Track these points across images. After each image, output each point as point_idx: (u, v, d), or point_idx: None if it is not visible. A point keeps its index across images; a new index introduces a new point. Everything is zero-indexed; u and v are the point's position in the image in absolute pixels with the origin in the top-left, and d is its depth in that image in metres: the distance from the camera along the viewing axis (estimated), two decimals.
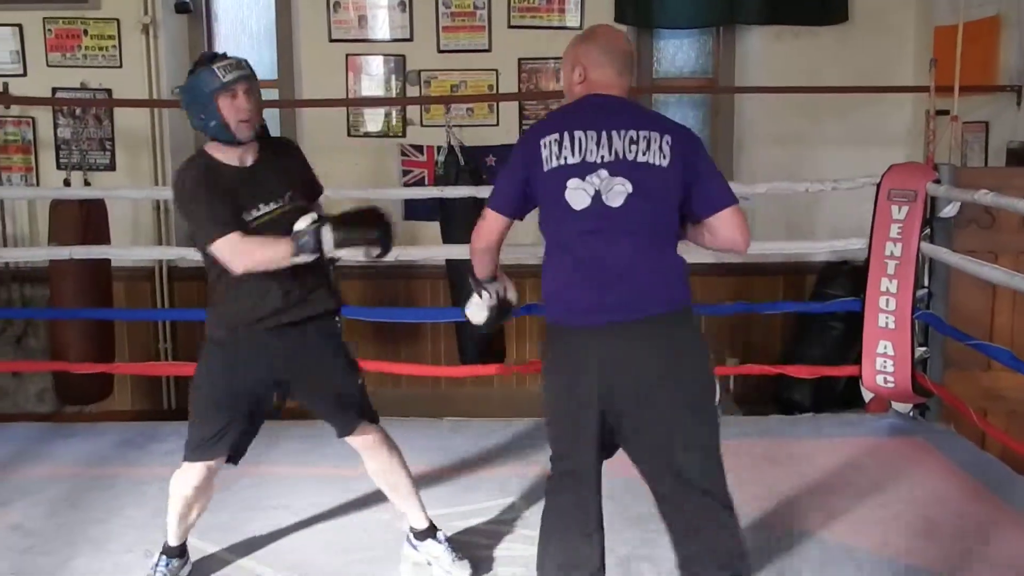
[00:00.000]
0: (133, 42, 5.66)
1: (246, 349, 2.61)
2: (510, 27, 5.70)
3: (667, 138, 2.20)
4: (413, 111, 5.79)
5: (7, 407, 5.89)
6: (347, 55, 5.74)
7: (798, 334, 5.79)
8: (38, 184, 5.77)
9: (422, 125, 5.81)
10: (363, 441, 2.77)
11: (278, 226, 2.51)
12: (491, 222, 2.36)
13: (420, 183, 5.80)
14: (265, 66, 5.96)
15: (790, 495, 3.43)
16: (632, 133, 2.20)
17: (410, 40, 5.74)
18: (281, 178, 2.59)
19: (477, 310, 2.63)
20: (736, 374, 5.65)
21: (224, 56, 2.50)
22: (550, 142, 2.23)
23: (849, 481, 3.54)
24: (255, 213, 2.52)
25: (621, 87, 2.32)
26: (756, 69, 5.79)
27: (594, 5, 5.70)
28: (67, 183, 5.29)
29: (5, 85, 5.66)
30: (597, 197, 2.19)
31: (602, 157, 2.19)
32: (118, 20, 5.64)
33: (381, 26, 5.72)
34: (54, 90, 5.66)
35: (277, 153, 2.65)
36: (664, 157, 2.18)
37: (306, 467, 3.70)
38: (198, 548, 3.04)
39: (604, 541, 2.32)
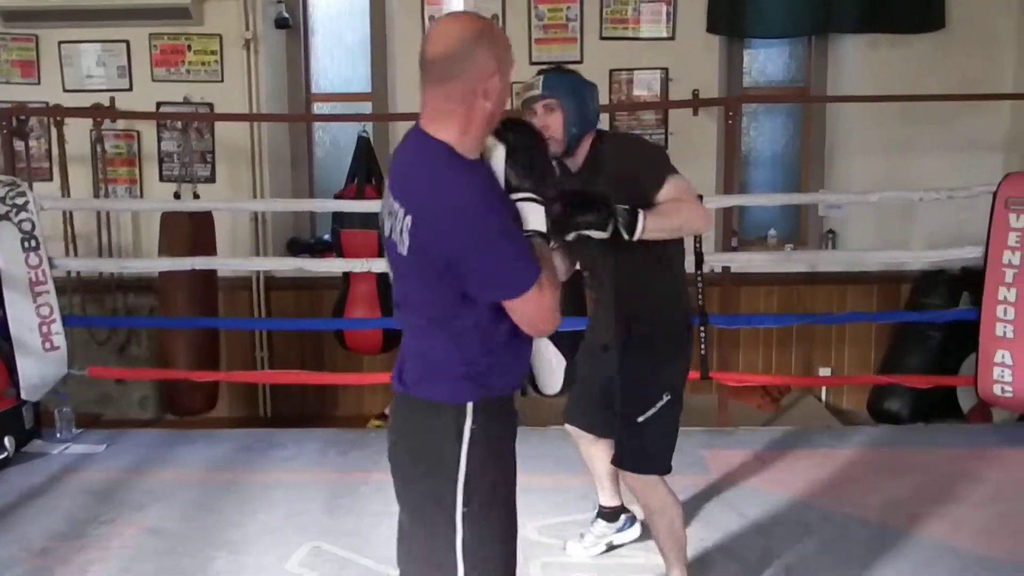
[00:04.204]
0: (234, 57, 5.75)
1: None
2: (602, 39, 5.73)
3: (408, 220, 1.70)
4: None
5: (110, 413, 6.05)
6: None
7: (894, 344, 5.72)
8: (141, 196, 5.90)
9: None
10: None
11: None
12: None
13: None
14: (360, 79, 6.08)
15: (915, 505, 3.42)
16: (392, 203, 1.77)
17: None
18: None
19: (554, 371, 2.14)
20: (842, 384, 5.61)
21: (538, 74, 2.51)
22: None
23: (973, 490, 3.53)
24: None
25: (431, 105, 1.74)
26: (850, 78, 5.73)
27: (685, 15, 5.68)
28: (177, 196, 5.39)
29: (112, 99, 5.79)
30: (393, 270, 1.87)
31: (389, 230, 1.80)
32: (220, 36, 5.73)
33: None
34: (158, 104, 5.78)
35: (599, 160, 2.54)
36: (403, 244, 1.73)
37: None
38: (330, 552, 3.14)
39: None
